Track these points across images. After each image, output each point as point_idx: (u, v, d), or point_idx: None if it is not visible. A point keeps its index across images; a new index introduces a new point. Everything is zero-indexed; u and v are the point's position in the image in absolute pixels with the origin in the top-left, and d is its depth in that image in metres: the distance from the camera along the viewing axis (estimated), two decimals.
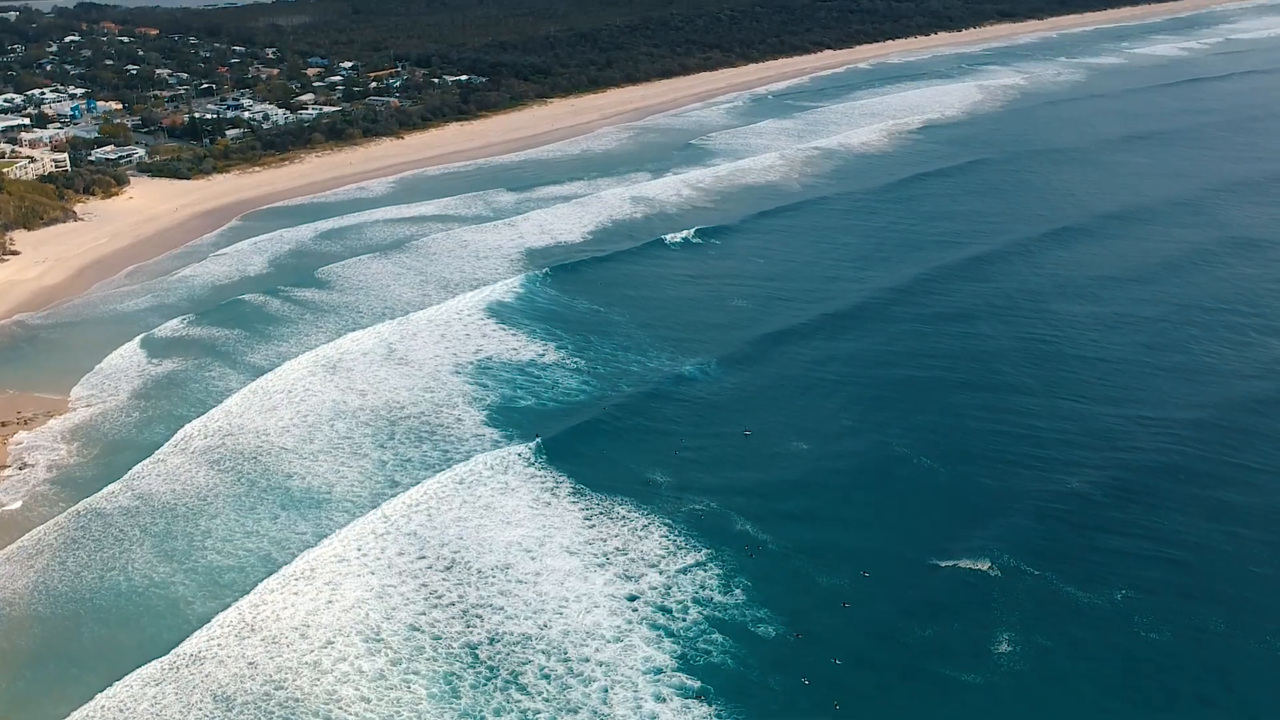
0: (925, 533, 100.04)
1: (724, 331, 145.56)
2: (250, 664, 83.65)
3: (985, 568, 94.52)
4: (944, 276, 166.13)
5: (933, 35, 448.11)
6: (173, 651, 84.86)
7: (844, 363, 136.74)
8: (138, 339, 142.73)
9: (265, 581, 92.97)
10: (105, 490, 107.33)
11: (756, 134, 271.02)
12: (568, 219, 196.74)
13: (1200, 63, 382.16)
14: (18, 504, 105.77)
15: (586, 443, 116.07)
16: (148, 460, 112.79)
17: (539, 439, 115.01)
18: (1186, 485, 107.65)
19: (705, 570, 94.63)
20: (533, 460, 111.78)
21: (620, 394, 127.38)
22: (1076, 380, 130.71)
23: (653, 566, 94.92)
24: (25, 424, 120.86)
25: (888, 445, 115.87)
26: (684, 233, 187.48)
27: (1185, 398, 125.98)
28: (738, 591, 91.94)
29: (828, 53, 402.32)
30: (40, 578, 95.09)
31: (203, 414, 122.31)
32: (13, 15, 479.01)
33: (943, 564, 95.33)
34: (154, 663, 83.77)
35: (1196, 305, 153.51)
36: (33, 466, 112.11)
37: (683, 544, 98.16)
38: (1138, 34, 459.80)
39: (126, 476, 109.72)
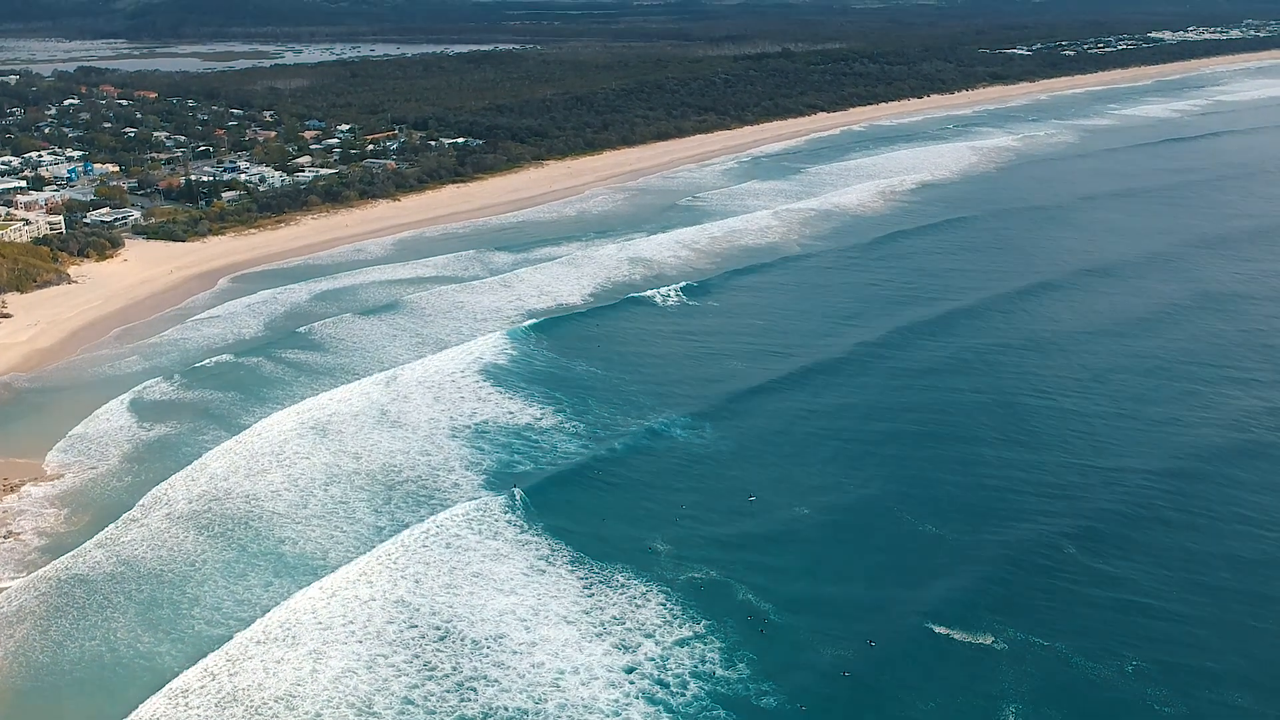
0: (928, 599, 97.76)
1: (720, 391, 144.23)
2: None
3: (989, 640, 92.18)
4: (935, 333, 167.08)
5: (926, 98, 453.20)
6: None
7: (843, 421, 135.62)
8: (126, 402, 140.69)
9: (250, 649, 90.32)
10: (88, 556, 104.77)
11: (751, 194, 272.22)
12: (564, 279, 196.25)
13: (1187, 123, 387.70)
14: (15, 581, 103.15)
15: (584, 507, 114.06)
16: (133, 525, 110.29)
17: (535, 504, 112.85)
18: (1187, 540, 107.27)
19: (705, 642, 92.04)
20: (527, 526, 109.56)
21: (618, 457, 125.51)
22: (1068, 436, 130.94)
23: (649, 637, 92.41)
24: (12, 489, 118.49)
25: (889, 508, 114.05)
26: (680, 293, 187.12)
27: (1173, 450, 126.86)
28: (740, 664, 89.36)
29: (822, 115, 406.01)
30: (20, 648, 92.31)
31: (190, 478, 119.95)
32: (13, 79, 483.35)
33: (945, 631, 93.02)
34: None
35: (1174, 359, 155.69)
36: (18, 534, 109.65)
37: (681, 613, 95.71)
38: (1128, 96, 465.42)
39: (110, 542, 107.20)
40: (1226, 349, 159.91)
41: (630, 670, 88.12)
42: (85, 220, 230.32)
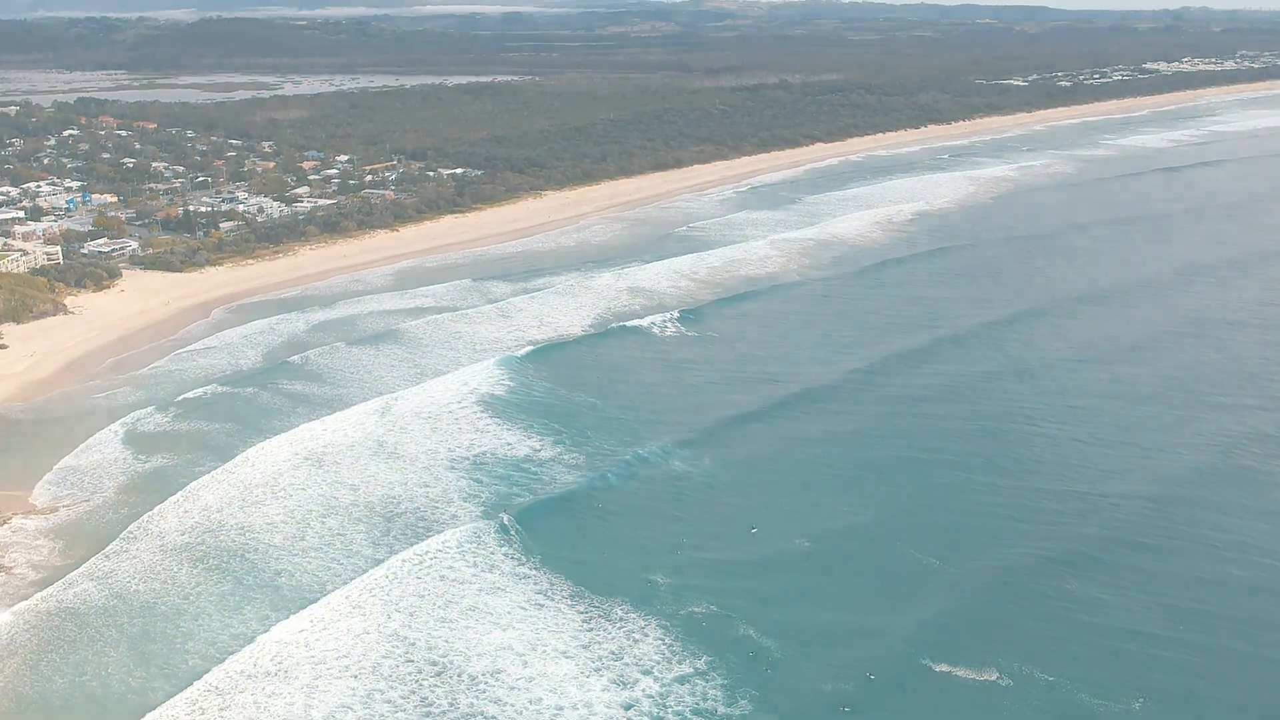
0: (929, 631, 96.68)
1: (718, 419, 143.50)
2: None
3: (991, 672, 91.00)
4: (933, 360, 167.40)
5: (922, 128, 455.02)
6: None
7: (842, 449, 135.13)
8: (119, 433, 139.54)
9: (241, 684, 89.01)
10: (79, 589, 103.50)
11: (749, 224, 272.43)
12: (562, 308, 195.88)
13: (1182, 154, 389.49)
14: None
15: (582, 539, 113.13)
16: (125, 558, 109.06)
17: (533, 536, 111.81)
18: (1189, 567, 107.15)
19: (705, 678, 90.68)
20: (525, 558, 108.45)
21: (616, 487, 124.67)
22: (1065, 465, 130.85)
23: (648, 673, 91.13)
24: (2, 522, 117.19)
25: (888, 538, 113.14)
26: (677, 321, 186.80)
27: (1171, 476, 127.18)
28: (741, 700, 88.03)
29: (819, 145, 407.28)
30: (9, 683, 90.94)
31: (183, 509, 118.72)
32: (13, 110, 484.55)
33: (946, 662, 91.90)
34: None
35: (1166, 386, 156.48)
36: (10, 568, 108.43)
37: (681, 648, 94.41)
38: (1124, 127, 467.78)
39: (103, 575, 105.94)
40: (1215, 376, 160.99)
41: (629, 707, 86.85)
42: (83, 251, 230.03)
